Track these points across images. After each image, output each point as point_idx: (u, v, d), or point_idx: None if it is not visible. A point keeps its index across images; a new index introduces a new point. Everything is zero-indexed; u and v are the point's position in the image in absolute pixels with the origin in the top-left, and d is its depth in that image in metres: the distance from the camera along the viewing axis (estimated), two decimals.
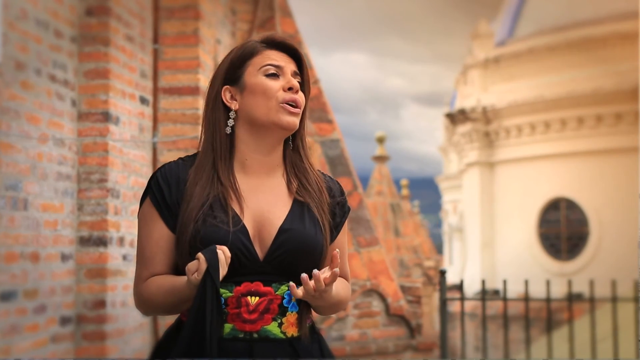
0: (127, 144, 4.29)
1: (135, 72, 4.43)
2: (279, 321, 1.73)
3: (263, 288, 1.72)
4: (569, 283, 5.17)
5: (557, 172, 15.51)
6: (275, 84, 1.78)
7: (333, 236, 1.87)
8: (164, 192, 1.77)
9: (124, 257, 4.19)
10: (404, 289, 5.52)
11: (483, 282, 5.24)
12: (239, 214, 1.73)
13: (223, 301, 1.70)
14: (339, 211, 1.89)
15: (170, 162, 1.84)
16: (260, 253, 1.73)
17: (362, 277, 5.24)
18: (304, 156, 1.87)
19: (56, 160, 3.88)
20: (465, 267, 17.77)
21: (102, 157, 4.08)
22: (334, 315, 5.02)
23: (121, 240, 4.18)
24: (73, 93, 4.05)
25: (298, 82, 1.81)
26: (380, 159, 14.59)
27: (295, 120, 1.78)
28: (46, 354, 3.75)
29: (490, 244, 16.57)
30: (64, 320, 3.92)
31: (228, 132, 1.79)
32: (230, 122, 1.79)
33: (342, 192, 1.93)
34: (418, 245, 16.58)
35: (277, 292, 1.73)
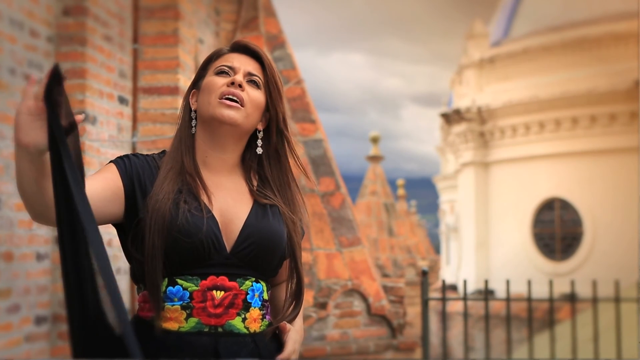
0: (105, 143, 4.29)
1: (114, 72, 4.43)
2: (243, 316, 1.75)
3: (228, 283, 1.74)
4: (550, 283, 5.16)
5: (552, 172, 15.51)
6: (220, 80, 1.81)
7: (299, 237, 1.89)
8: (132, 161, 1.77)
9: None
10: (387, 289, 5.52)
11: (464, 282, 5.26)
12: (207, 206, 1.76)
13: (188, 295, 1.71)
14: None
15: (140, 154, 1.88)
16: (227, 246, 1.75)
17: (344, 277, 5.24)
18: (284, 160, 1.88)
19: None
20: (461, 266, 17.77)
21: None
22: (314, 315, 5.02)
23: None
24: None
25: (254, 80, 1.83)
26: (375, 158, 14.61)
27: (233, 114, 1.78)
28: (20, 354, 3.75)
29: (484, 244, 16.57)
30: (39, 320, 3.92)
31: (193, 132, 1.83)
32: (193, 122, 1.84)
33: None
34: (413, 245, 16.59)
35: (241, 288, 1.75)
